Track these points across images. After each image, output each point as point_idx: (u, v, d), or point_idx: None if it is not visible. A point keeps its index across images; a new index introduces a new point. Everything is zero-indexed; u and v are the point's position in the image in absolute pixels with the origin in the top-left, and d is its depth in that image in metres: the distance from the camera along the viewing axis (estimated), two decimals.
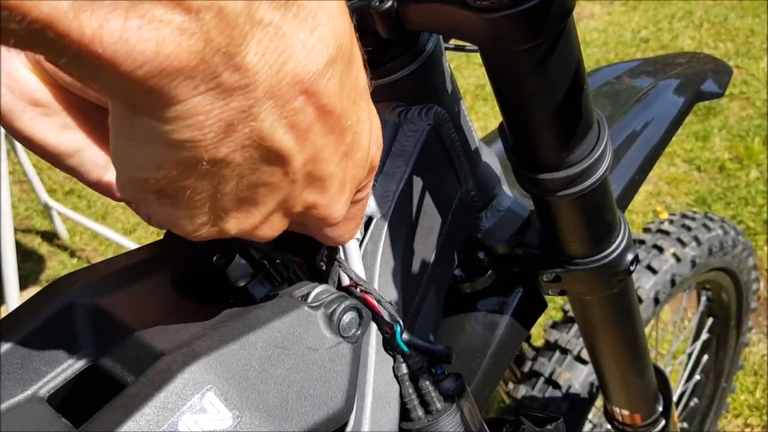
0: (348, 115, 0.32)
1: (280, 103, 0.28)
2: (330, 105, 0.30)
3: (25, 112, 0.44)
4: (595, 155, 0.53)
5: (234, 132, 0.28)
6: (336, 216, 0.36)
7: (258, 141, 0.29)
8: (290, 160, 0.31)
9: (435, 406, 0.49)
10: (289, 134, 0.30)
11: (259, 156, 0.30)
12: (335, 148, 0.33)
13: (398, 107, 0.55)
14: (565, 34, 0.44)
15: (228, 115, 0.27)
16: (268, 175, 0.31)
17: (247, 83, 0.27)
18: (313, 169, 0.33)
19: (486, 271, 0.69)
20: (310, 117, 0.30)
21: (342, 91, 0.31)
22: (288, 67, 0.28)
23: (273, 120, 0.29)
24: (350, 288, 0.47)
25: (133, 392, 0.35)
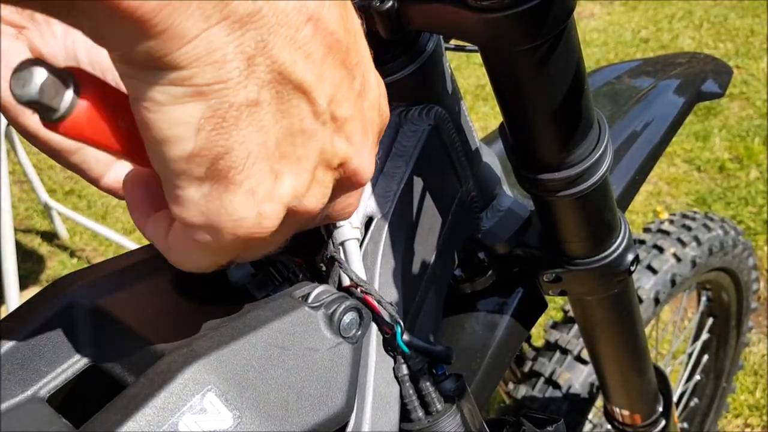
0: (354, 50, 0.32)
1: (292, 31, 0.28)
2: (336, 33, 0.30)
3: None
4: (595, 155, 0.53)
5: (256, 66, 0.28)
6: (367, 168, 0.36)
7: (280, 74, 0.29)
8: (315, 97, 0.31)
9: (435, 407, 0.49)
10: (307, 65, 0.29)
11: (286, 93, 0.29)
12: (350, 87, 0.33)
13: (399, 107, 0.55)
14: (566, 35, 0.44)
15: (246, 46, 0.27)
16: (299, 118, 0.31)
17: (257, 9, 0.26)
18: (336, 110, 0.32)
19: (486, 272, 0.69)
20: (321, 46, 0.30)
21: (344, 23, 0.31)
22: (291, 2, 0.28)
23: (289, 49, 0.28)
24: (351, 288, 0.47)
25: (134, 392, 0.35)
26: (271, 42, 0.28)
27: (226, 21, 0.26)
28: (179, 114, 0.27)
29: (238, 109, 0.28)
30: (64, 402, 0.41)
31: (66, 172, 2.78)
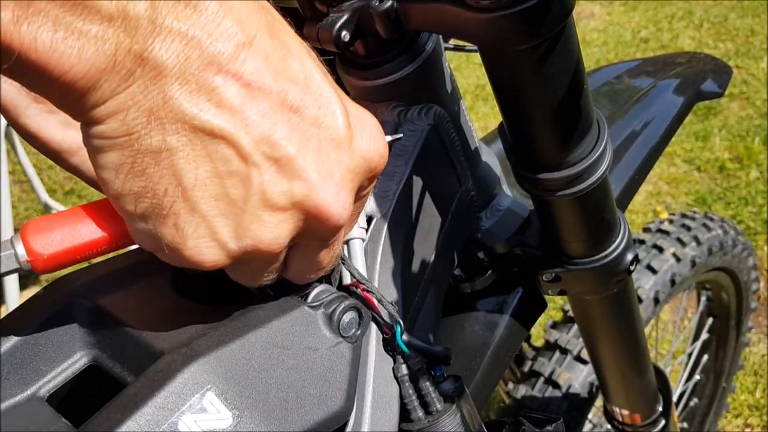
0: (292, 93, 0.34)
1: (194, 86, 0.32)
2: (256, 82, 0.33)
3: (30, 109, 0.48)
4: (594, 155, 0.53)
5: (158, 119, 0.31)
6: (333, 206, 0.36)
7: (186, 123, 0.32)
8: (235, 140, 0.33)
9: (435, 407, 0.49)
10: (219, 113, 0.32)
11: (199, 140, 0.32)
12: (293, 127, 0.34)
13: (398, 107, 0.55)
14: (565, 34, 0.44)
15: (148, 102, 0.31)
16: (222, 162, 0.33)
17: (157, 73, 0.31)
18: (272, 152, 0.34)
19: (486, 271, 0.69)
20: (237, 95, 0.33)
21: (269, 70, 0.33)
22: (194, 55, 0.31)
23: (195, 101, 0.32)
24: (350, 287, 0.47)
25: (133, 392, 0.35)
26: (173, 97, 0.31)
27: (132, 87, 0.31)
28: (102, 161, 0.33)
29: (146, 155, 0.32)
30: (64, 401, 0.41)
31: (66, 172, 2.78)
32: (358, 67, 0.53)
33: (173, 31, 0.31)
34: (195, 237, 0.34)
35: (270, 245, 0.35)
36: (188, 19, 0.31)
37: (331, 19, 0.46)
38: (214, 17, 0.32)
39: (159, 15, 0.30)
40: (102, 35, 0.29)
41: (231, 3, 0.32)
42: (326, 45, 0.47)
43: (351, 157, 0.36)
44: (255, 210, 0.34)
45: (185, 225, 0.34)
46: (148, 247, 0.36)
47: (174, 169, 0.32)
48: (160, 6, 0.30)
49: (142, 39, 0.30)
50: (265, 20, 0.34)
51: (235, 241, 0.35)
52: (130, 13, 0.30)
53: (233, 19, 0.32)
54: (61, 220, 0.36)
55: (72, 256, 0.36)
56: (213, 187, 0.33)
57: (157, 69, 0.31)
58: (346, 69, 0.54)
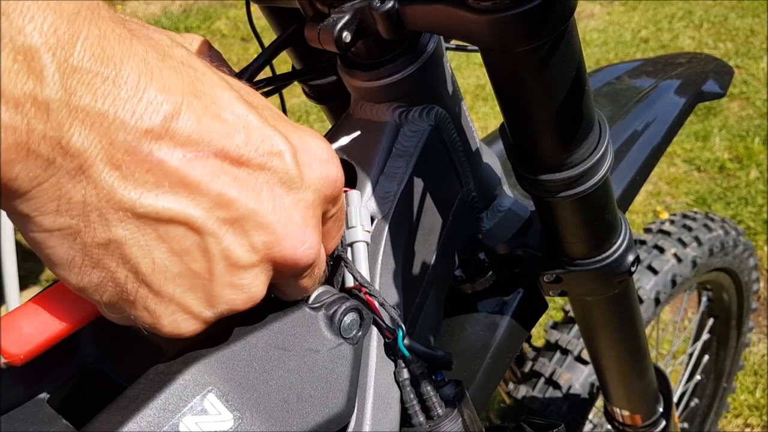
0: (232, 147, 0.32)
1: (127, 170, 0.29)
2: (192, 150, 0.30)
3: None
4: (596, 156, 0.53)
5: (97, 210, 0.29)
6: (299, 250, 0.34)
7: (129, 211, 0.29)
8: (185, 217, 0.31)
9: (437, 412, 0.49)
10: (162, 193, 0.30)
11: (148, 225, 0.30)
12: (242, 185, 0.32)
13: (399, 108, 0.54)
14: (567, 35, 0.44)
15: (80, 196, 0.28)
16: (176, 240, 0.31)
17: (80, 163, 0.28)
18: (228, 214, 0.32)
19: (487, 272, 0.68)
20: (176, 170, 0.30)
21: (204, 133, 0.31)
22: (120, 137, 0.28)
23: (127, 186, 0.29)
24: (352, 290, 0.47)
25: (134, 393, 0.35)
26: (106, 186, 0.29)
27: (54, 177, 0.28)
28: (51, 257, 0.30)
29: (94, 247, 0.30)
30: (65, 403, 0.41)
31: None
32: (360, 68, 0.53)
33: (91, 113, 0.28)
34: (168, 315, 0.33)
35: (246, 304, 0.35)
36: (107, 97, 0.28)
37: (332, 20, 0.46)
38: (135, 90, 0.29)
39: (73, 96, 0.27)
40: (10, 123, 0.26)
41: (149, 69, 0.30)
42: (327, 46, 0.47)
43: (305, 193, 0.35)
44: (223, 277, 0.33)
45: (155, 307, 0.32)
46: (124, 323, 0.34)
47: (127, 258, 0.30)
48: (74, 86, 0.27)
49: (57, 124, 0.27)
50: (187, 78, 0.31)
51: (208, 310, 0.34)
52: (39, 97, 0.26)
53: (156, 89, 0.29)
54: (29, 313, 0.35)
55: (49, 343, 0.35)
56: (173, 267, 0.32)
57: (81, 157, 0.28)
58: (347, 70, 0.54)
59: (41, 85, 0.26)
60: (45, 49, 0.26)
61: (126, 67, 0.29)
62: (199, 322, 0.34)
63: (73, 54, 0.27)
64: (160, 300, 0.32)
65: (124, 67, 0.29)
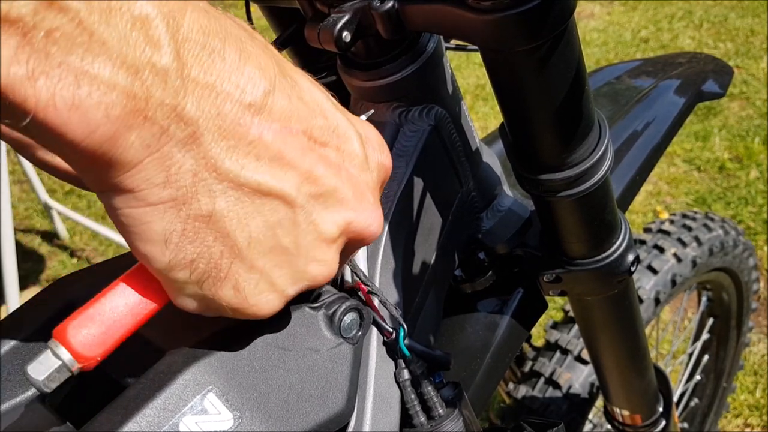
0: (317, 128, 0.34)
1: (234, 141, 0.30)
2: (287, 127, 0.32)
3: None
4: (596, 156, 0.53)
5: (203, 180, 0.30)
6: (373, 225, 0.37)
7: (232, 181, 0.30)
8: (280, 190, 0.32)
9: (437, 412, 0.49)
10: (260, 167, 0.31)
11: (246, 196, 0.31)
12: (326, 162, 0.34)
13: (399, 108, 0.54)
14: (566, 35, 0.44)
15: (189, 165, 0.29)
16: (271, 212, 0.32)
17: (193, 131, 0.29)
18: (315, 189, 0.34)
19: (486, 272, 0.68)
20: (274, 143, 0.31)
21: (294, 111, 0.32)
22: (226, 108, 0.29)
23: (236, 158, 0.30)
24: (352, 289, 0.47)
25: (134, 393, 0.35)
26: (213, 156, 0.30)
27: (166, 146, 0.28)
28: (145, 234, 0.30)
29: (196, 220, 0.30)
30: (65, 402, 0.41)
31: None
32: (359, 68, 0.53)
33: (201, 84, 0.29)
34: (256, 293, 0.34)
35: (326, 279, 0.36)
36: (214, 70, 0.29)
37: (332, 20, 0.46)
38: (237, 65, 0.30)
39: (185, 66, 0.28)
40: (130, 89, 0.26)
41: (245, 48, 0.31)
42: (327, 45, 0.47)
43: (371, 174, 0.37)
44: (309, 251, 0.34)
45: (245, 284, 0.33)
46: (196, 310, 0.35)
47: (226, 230, 0.31)
48: (186, 56, 0.28)
49: (173, 93, 0.28)
50: (275, 61, 0.33)
51: (292, 286, 0.35)
52: (158, 65, 0.27)
53: (254, 66, 0.31)
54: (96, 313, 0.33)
55: (121, 341, 0.34)
56: (266, 240, 0.33)
57: (193, 125, 0.29)
58: (347, 70, 0.54)
59: (159, 53, 0.27)
60: (160, 19, 0.27)
61: (227, 43, 0.30)
62: (280, 300, 0.35)
63: (183, 25, 0.28)
64: (251, 276, 0.33)
65: (225, 42, 0.30)
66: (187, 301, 0.34)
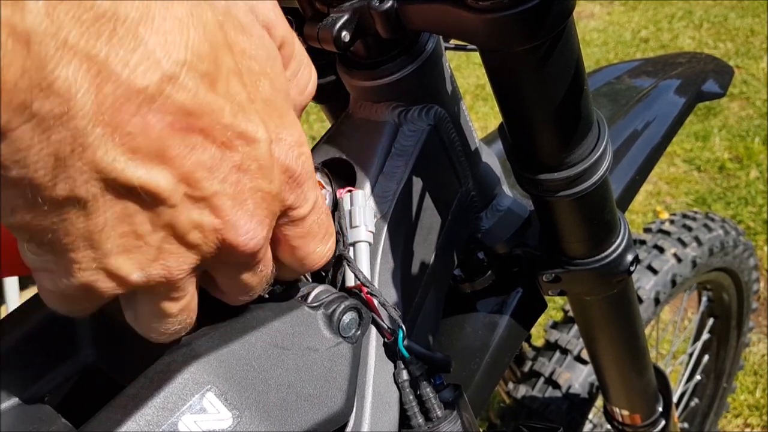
0: (217, 128, 0.29)
1: (110, 129, 0.26)
2: (180, 124, 0.28)
3: None
4: (595, 156, 0.53)
5: (67, 167, 0.26)
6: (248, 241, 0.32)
7: (100, 173, 0.27)
8: (152, 188, 0.28)
9: (436, 413, 0.49)
10: (136, 161, 0.27)
11: (110, 189, 0.28)
12: (213, 165, 0.30)
13: (398, 107, 0.54)
14: (566, 35, 0.44)
15: (53, 148, 0.25)
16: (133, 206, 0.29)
17: (64, 110, 0.25)
18: (193, 191, 0.30)
19: (486, 272, 0.68)
20: (156, 141, 0.27)
21: (196, 108, 0.28)
22: (108, 89, 0.25)
23: (109, 148, 0.26)
24: (352, 289, 0.47)
25: (133, 392, 0.35)
26: (83, 143, 0.26)
27: (29, 123, 0.24)
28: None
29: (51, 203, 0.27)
30: (64, 402, 0.42)
31: None
32: (359, 68, 0.53)
33: (80, 53, 0.24)
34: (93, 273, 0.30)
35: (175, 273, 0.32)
36: (99, 40, 0.25)
37: (331, 19, 0.46)
38: (132, 38, 0.25)
39: (61, 29, 0.24)
40: None
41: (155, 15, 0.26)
42: (326, 45, 0.47)
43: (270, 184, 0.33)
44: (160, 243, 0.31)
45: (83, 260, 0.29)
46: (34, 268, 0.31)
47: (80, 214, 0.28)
48: (61, 17, 0.24)
49: (44, 60, 0.24)
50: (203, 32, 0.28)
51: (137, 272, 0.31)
52: (18, 27, 0.23)
53: (158, 42, 0.26)
54: None
55: None
56: (120, 227, 0.29)
57: (65, 103, 0.25)
58: (346, 69, 0.54)
59: (21, 12, 0.23)
60: None
61: (124, 7, 0.25)
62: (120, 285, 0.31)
63: None
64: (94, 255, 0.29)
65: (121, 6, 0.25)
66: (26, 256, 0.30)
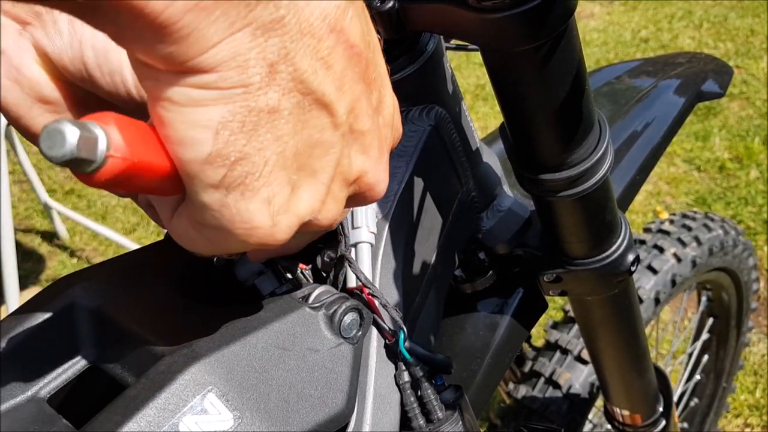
0: (372, 65, 0.33)
1: (314, 41, 0.28)
2: (357, 47, 0.31)
3: (33, 109, 0.41)
4: (596, 156, 0.53)
5: (278, 73, 0.28)
6: (382, 183, 0.36)
7: (302, 83, 0.29)
8: (335, 108, 0.31)
9: (437, 415, 0.48)
10: (328, 76, 0.30)
11: (307, 103, 0.29)
12: (368, 101, 0.33)
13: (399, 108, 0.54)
14: (567, 35, 0.44)
15: (269, 53, 0.27)
16: (319, 129, 0.31)
17: (281, 16, 0.27)
18: (354, 123, 0.32)
19: (487, 272, 0.69)
20: (342, 58, 0.30)
21: (364, 37, 0.31)
22: (312, 5, 0.28)
23: (311, 59, 0.29)
24: (353, 290, 0.47)
25: (134, 393, 0.35)
26: (293, 50, 0.28)
27: (250, 27, 0.26)
28: (198, 116, 0.27)
29: (258, 114, 0.28)
30: (65, 402, 0.41)
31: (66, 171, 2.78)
32: None
33: None
34: (279, 213, 0.30)
35: (333, 219, 0.34)
36: None
37: None
38: None
39: None
40: None
41: None
42: None
43: (393, 133, 0.37)
44: (330, 182, 0.32)
45: (278, 198, 0.30)
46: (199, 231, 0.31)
47: (280, 133, 0.29)
48: None
49: None
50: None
51: (309, 214, 0.32)
52: None
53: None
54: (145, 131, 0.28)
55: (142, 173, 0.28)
56: (303, 157, 0.31)
57: (277, 12, 0.26)
58: None
59: None
60: None
61: None
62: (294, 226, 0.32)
63: None
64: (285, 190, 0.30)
65: None
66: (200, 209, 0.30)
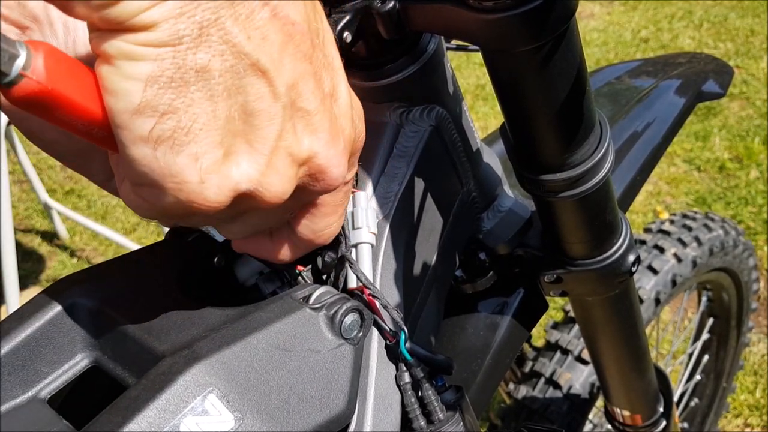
0: (319, 50, 0.34)
1: (247, 11, 0.30)
2: (298, 25, 0.32)
3: None
4: (597, 156, 0.53)
5: (208, 36, 0.30)
6: (335, 169, 0.36)
7: (234, 47, 0.30)
8: (272, 77, 0.32)
9: (437, 416, 0.48)
10: (263, 46, 0.31)
11: (242, 69, 0.31)
12: (316, 83, 0.34)
13: (400, 108, 0.54)
14: (568, 35, 0.44)
15: (199, 16, 0.29)
16: (255, 97, 0.32)
17: None
18: (297, 99, 0.33)
19: (487, 272, 0.68)
20: (279, 33, 0.32)
21: (308, 20, 0.33)
22: None
23: (243, 27, 0.31)
24: (354, 291, 0.47)
25: (135, 394, 0.35)
26: (224, 16, 0.30)
27: None
28: (130, 70, 0.29)
29: (186, 72, 0.30)
30: (65, 403, 0.41)
31: (66, 171, 2.78)
32: (360, 68, 0.53)
33: None
34: (209, 172, 0.32)
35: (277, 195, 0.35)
36: None
37: (333, 20, 0.46)
38: None
39: None
40: None
41: None
42: None
43: (352, 129, 0.38)
44: (270, 154, 0.33)
45: (206, 157, 0.31)
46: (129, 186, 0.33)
47: (211, 93, 0.31)
48: None
49: None
50: None
51: (246, 182, 0.33)
52: None
53: None
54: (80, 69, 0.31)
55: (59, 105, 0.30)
56: (239, 124, 0.32)
57: None
58: (347, 70, 0.54)
59: None
60: None
61: None
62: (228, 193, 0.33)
63: None
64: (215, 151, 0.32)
65: None
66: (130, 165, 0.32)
